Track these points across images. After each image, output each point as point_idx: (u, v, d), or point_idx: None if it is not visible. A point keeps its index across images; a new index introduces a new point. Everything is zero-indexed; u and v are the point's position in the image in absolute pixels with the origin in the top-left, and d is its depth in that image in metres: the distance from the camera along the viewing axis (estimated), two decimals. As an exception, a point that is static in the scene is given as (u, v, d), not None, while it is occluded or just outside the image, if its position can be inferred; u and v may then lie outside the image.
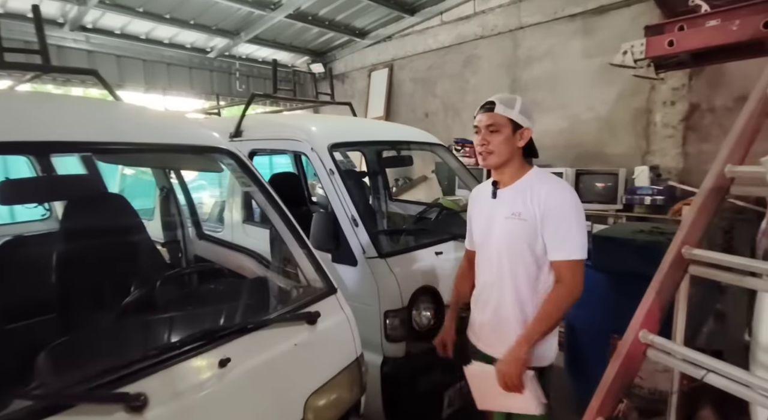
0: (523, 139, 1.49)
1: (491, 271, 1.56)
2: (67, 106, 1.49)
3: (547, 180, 1.51)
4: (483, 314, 1.61)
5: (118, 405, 0.93)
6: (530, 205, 1.45)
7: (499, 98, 1.49)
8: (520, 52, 4.98)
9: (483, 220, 1.62)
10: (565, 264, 1.44)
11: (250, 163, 1.71)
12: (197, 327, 1.22)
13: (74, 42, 5.12)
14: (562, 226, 1.42)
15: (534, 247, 1.47)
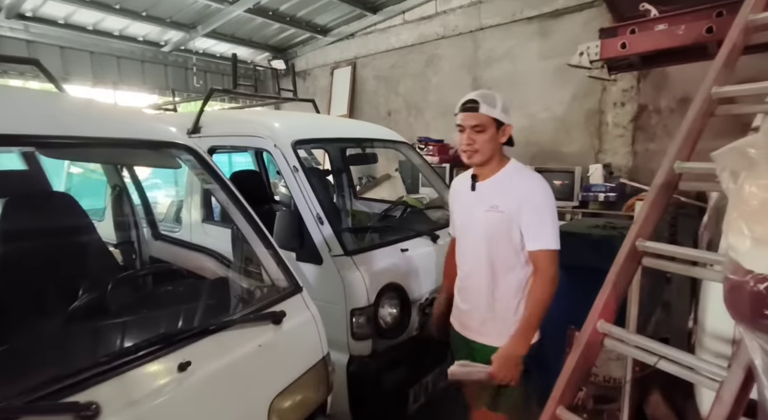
0: (505, 135, 1.53)
1: (472, 261, 1.62)
2: (5, 97, 1.38)
3: (523, 173, 1.58)
4: (465, 302, 1.66)
5: (66, 416, 0.87)
6: (507, 197, 1.50)
7: (482, 97, 1.51)
8: (481, 53, 5.10)
9: (463, 212, 1.67)
10: (542, 254, 1.49)
11: (210, 159, 1.65)
12: (154, 331, 1.16)
13: (11, 30, 4.74)
14: (538, 217, 1.48)
15: (511, 238, 1.52)
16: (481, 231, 1.56)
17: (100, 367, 0.99)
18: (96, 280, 1.46)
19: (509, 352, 1.48)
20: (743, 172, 0.88)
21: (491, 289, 1.58)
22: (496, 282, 1.57)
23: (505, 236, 1.53)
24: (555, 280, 1.51)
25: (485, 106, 1.48)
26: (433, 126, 5.54)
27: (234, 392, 1.19)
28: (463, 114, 1.53)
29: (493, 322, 1.58)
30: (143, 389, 1.01)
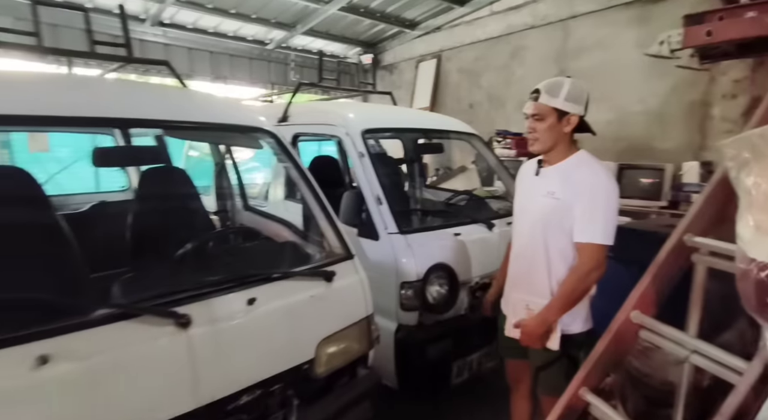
0: (569, 124, 1.54)
1: (524, 244, 1.68)
2: (144, 91, 1.83)
3: (587, 164, 1.57)
4: (514, 284, 1.73)
5: (168, 320, 1.21)
6: (565, 186, 1.53)
7: (545, 86, 1.55)
8: (570, 42, 4.88)
9: (523, 196, 1.73)
10: (585, 246, 1.51)
11: (286, 142, 1.97)
12: (232, 272, 1.49)
13: (153, 36, 5.71)
14: (590, 210, 1.49)
15: (564, 226, 1.55)
16: (537, 216, 1.61)
17: (193, 292, 1.33)
18: (196, 236, 1.87)
19: (529, 322, 1.57)
20: (750, 163, 0.89)
21: (543, 274, 1.61)
22: (550, 267, 1.60)
23: (557, 224, 1.56)
24: (590, 275, 1.52)
25: (546, 95, 1.52)
26: (515, 119, 5.44)
27: (288, 328, 1.48)
28: (528, 103, 1.60)
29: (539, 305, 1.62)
30: (220, 312, 1.33)
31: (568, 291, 1.54)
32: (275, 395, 1.46)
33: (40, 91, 1.44)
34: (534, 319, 1.57)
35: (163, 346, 1.21)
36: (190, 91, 2.15)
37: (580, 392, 1.52)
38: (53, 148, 5.14)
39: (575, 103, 1.53)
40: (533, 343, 1.57)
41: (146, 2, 5.15)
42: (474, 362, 2.36)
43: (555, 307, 1.55)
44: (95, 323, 1.15)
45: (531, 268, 1.65)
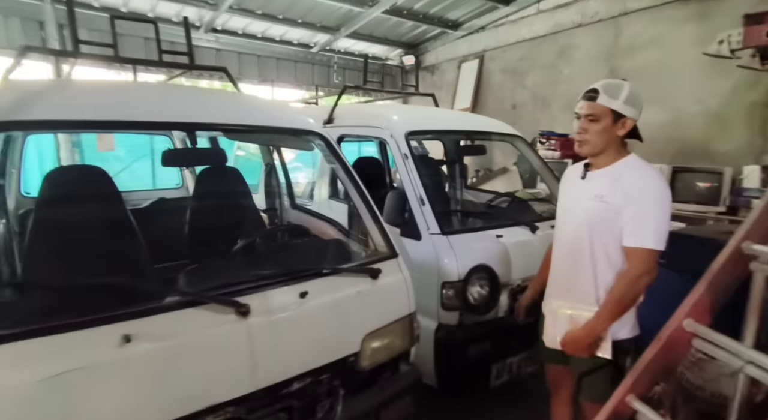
0: (624, 128, 1.49)
1: (568, 248, 1.63)
2: (208, 97, 1.97)
3: (639, 168, 1.51)
4: (556, 288, 1.69)
5: (229, 308, 1.32)
6: (615, 189, 1.48)
7: (604, 86, 1.48)
8: (622, 40, 4.71)
9: (568, 198, 1.68)
10: (635, 251, 1.46)
11: (336, 144, 2.06)
12: (285, 267, 1.59)
13: (207, 42, 6.04)
14: (639, 214, 1.44)
15: (613, 229, 1.50)
16: (583, 219, 1.56)
17: (251, 284, 1.44)
18: (249, 232, 2.00)
19: (576, 333, 1.54)
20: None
21: (588, 279, 1.56)
22: (595, 272, 1.55)
23: (606, 228, 1.51)
24: (641, 281, 1.47)
25: (605, 96, 1.46)
26: (560, 120, 5.32)
27: (336, 321, 1.56)
28: (581, 102, 1.53)
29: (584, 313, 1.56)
30: (275, 303, 1.43)
31: (618, 297, 1.49)
32: (323, 384, 1.54)
33: (124, 99, 1.61)
34: (582, 329, 1.53)
35: (226, 333, 1.32)
36: (246, 95, 2.29)
37: (627, 399, 1.50)
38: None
39: (633, 107, 1.48)
40: (581, 352, 1.54)
41: (201, 10, 5.46)
42: (514, 365, 2.36)
43: (605, 315, 1.50)
44: (168, 309, 1.27)
45: (575, 274, 1.61)
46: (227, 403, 1.32)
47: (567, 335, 1.56)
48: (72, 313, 1.17)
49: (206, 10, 5.41)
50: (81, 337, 1.12)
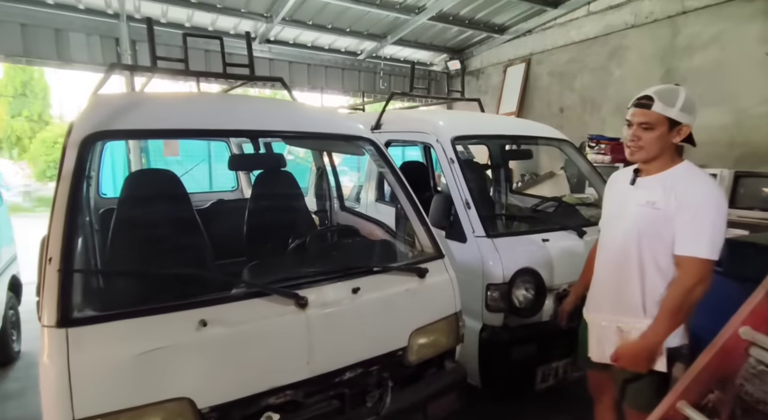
0: (680, 135, 1.46)
1: (612, 254, 1.60)
2: (269, 106, 2.14)
3: (693, 175, 1.48)
4: (600, 294, 1.67)
5: (291, 300, 1.45)
6: (667, 196, 1.45)
7: (659, 93, 1.44)
8: (679, 40, 4.51)
9: (615, 204, 1.66)
10: (687, 260, 1.43)
11: (385, 150, 2.16)
12: (338, 265, 1.70)
13: (261, 52, 6.37)
14: (694, 222, 1.41)
15: (664, 237, 1.47)
16: (632, 225, 1.52)
17: (307, 280, 1.56)
18: (301, 232, 2.13)
19: (630, 347, 1.51)
20: None
21: (636, 289, 1.53)
22: (643, 280, 1.52)
23: (657, 235, 1.48)
24: (696, 290, 1.42)
25: (660, 104, 1.42)
26: (610, 123, 5.16)
27: (385, 317, 1.65)
28: (634, 110, 1.48)
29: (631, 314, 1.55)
30: (330, 297, 1.54)
31: (675, 308, 1.45)
32: (373, 375, 1.63)
33: (198, 110, 1.80)
34: (638, 343, 1.50)
35: (287, 322, 1.44)
36: (302, 104, 2.44)
37: (678, 405, 1.48)
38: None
39: (689, 114, 1.45)
40: (639, 367, 1.50)
41: (257, 23, 5.78)
42: (560, 369, 2.35)
43: (661, 327, 1.46)
44: (238, 298, 1.42)
45: (621, 282, 1.57)
46: (287, 387, 1.44)
47: (620, 349, 1.53)
48: (157, 300, 1.34)
49: (261, 22, 5.73)
50: (170, 320, 1.29)
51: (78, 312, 1.25)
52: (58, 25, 5.05)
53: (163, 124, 1.65)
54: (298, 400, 1.48)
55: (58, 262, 1.26)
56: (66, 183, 1.40)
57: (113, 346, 1.21)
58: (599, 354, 1.63)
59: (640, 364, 1.50)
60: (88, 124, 1.53)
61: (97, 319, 1.24)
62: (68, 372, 1.15)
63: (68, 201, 1.36)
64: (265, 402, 1.42)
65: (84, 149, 1.46)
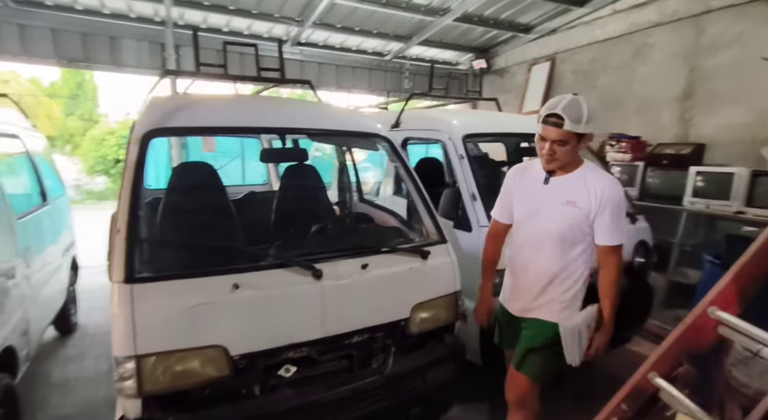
0: (585, 142, 1.67)
1: (535, 249, 1.79)
2: (296, 106, 2.42)
3: (600, 175, 1.72)
4: (521, 284, 1.86)
5: (308, 271, 1.71)
6: (587, 196, 1.67)
7: (566, 111, 1.58)
8: (704, 39, 4.50)
9: (530, 201, 1.81)
10: (614, 248, 1.70)
11: (398, 145, 2.40)
12: (351, 245, 1.96)
13: (291, 54, 6.73)
14: (616, 217, 1.67)
15: (581, 231, 1.71)
16: (553, 223, 1.72)
17: (323, 256, 1.82)
18: (323, 219, 2.40)
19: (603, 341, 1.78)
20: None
21: (553, 275, 1.77)
22: (562, 269, 1.76)
23: (577, 230, 1.70)
24: (621, 268, 1.74)
25: (570, 123, 1.57)
26: (634, 121, 5.17)
27: (390, 291, 1.90)
28: (546, 128, 1.62)
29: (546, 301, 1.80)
30: (342, 271, 1.80)
31: (616, 291, 1.74)
32: (378, 341, 1.89)
33: (238, 109, 2.12)
34: (607, 334, 1.78)
35: (304, 290, 1.71)
36: (325, 104, 2.72)
37: (649, 376, 1.64)
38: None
39: (593, 123, 1.62)
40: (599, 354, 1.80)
41: (288, 27, 6.13)
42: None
43: (613, 311, 1.76)
44: (265, 268, 1.70)
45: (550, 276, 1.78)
46: (303, 344, 1.71)
47: (598, 343, 1.77)
48: (199, 266, 1.64)
49: (293, 26, 6.07)
50: (208, 282, 1.58)
51: (140, 273, 1.56)
52: (113, 33, 5.57)
53: (206, 122, 1.96)
54: (313, 357, 1.76)
55: (125, 233, 1.57)
56: (130, 171, 1.72)
57: (166, 300, 1.52)
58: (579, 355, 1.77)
59: (606, 349, 1.80)
60: (147, 123, 1.85)
61: (154, 278, 1.56)
62: (132, 318, 1.46)
63: (132, 185, 1.68)
64: (285, 355, 1.70)
65: (144, 143, 1.78)
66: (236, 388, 1.64)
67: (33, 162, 3.24)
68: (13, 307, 2.27)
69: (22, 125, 3.30)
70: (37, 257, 2.79)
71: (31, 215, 2.84)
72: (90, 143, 16.09)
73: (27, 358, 2.49)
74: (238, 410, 1.60)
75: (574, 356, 1.76)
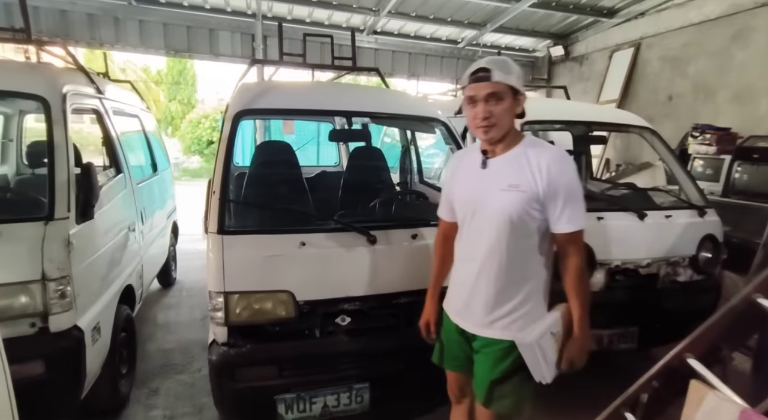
0: (520, 105, 1.40)
1: (481, 243, 1.45)
2: (363, 92, 2.68)
3: (543, 148, 1.41)
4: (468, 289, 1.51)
5: (364, 237, 1.97)
6: (529, 176, 1.37)
7: (492, 63, 1.35)
8: (818, 20, 4.01)
9: (470, 191, 1.49)
10: (573, 235, 1.39)
11: (454, 129, 2.56)
12: (406, 217, 2.19)
13: (367, 43, 7.04)
14: (571, 198, 1.36)
15: (531, 218, 1.39)
16: (498, 211, 1.40)
17: (379, 224, 2.07)
18: (383, 195, 2.65)
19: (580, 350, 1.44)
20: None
21: (506, 280, 1.43)
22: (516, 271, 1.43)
23: (528, 219, 1.38)
24: (581, 259, 1.42)
25: (499, 73, 1.32)
26: (725, 111, 4.76)
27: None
28: (474, 85, 1.36)
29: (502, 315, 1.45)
30: (395, 239, 2.04)
31: (585, 291, 1.43)
32: (420, 304, 2.10)
33: (316, 94, 2.43)
34: (582, 341, 1.44)
35: (359, 252, 1.97)
36: (391, 90, 2.95)
37: (683, 356, 1.66)
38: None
39: (522, 82, 1.39)
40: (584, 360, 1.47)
41: (365, 17, 6.42)
42: (605, 338, 2.55)
43: (586, 312, 1.44)
44: (328, 230, 1.99)
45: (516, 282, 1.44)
46: (356, 298, 1.98)
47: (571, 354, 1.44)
48: (275, 225, 1.97)
49: (370, 16, 6.35)
50: (281, 238, 1.91)
51: (229, 227, 1.93)
52: (212, 25, 6.27)
53: (285, 105, 2.30)
54: (365, 311, 2.02)
55: (219, 194, 1.94)
56: (224, 144, 2.09)
57: (248, 249, 1.87)
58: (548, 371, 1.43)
59: (585, 357, 1.46)
60: (238, 104, 2.22)
61: (239, 232, 1.92)
62: (222, 262, 1.82)
63: (225, 156, 2.05)
64: (341, 306, 1.98)
65: (235, 122, 2.14)
66: (300, 328, 1.96)
67: (147, 138, 3.87)
68: (132, 254, 2.82)
69: (140, 107, 3.95)
70: (149, 218, 3.38)
71: (145, 183, 3.44)
72: (188, 126, 17.95)
73: (140, 297, 3.07)
74: (301, 347, 1.93)
75: (542, 373, 1.44)
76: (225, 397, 1.90)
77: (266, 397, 1.88)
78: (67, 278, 1.85)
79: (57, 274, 1.82)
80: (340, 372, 1.96)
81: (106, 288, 2.29)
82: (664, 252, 2.69)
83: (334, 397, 1.95)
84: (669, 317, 2.65)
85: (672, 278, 2.76)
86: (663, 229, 2.70)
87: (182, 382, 2.84)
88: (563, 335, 1.46)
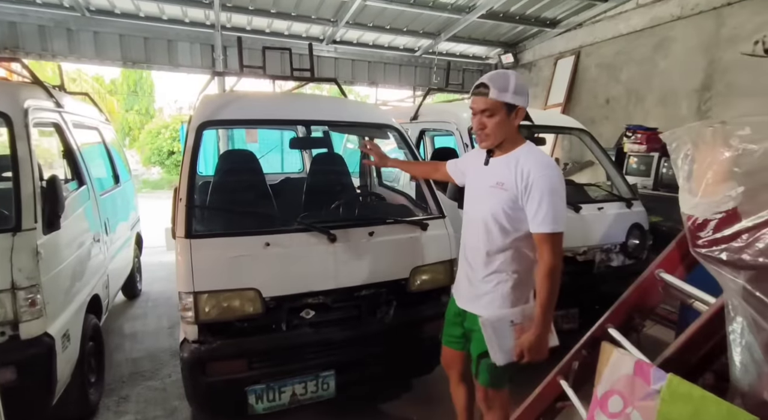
0: (518, 117, 1.57)
1: (474, 233, 1.70)
2: (320, 101, 2.86)
3: (533, 155, 1.58)
4: (464, 266, 1.79)
5: (324, 235, 2.15)
6: (513, 176, 1.55)
7: (492, 80, 1.52)
8: (724, 32, 4.54)
9: (472, 182, 1.77)
10: (546, 236, 1.51)
11: (406, 134, 2.78)
12: (362, 216, 2.38)
13: (327, 52, 7.21)
14: (546, 202, 1.49)
15: (510, 215, 1.57)
16: (485, 206, 1.64)
17: (338, 224, 2.25)
18: (344, 196, 2.83)
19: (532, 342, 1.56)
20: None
21: (489, 263, 1.65)
22: (490, 257, 1.65)
23: (511, 214, 1.57)
24: (559, 261, 1.53)
25: (495, 91, 1.50)
26: (653, 113, 5.26)
27: (392, 255, 2.30)
28: (474, 98, 1.56)
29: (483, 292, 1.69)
30: (352, 236, 2.22)
31: (551, 293, 1.54)
32: (382, 296, 2.29)
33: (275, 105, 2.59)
34: (536, 336, 1.56)
35: (321, 249, 2.15)
36: (347, 100, 3.14)
37: (606, 326, 1.93)
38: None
39: (522, 96, 1.54)
40: (543, 355, 1.59)
41: (324, 27, 6.60)
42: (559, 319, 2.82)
43: (548, 310, 1.56)
44: (290, 231, 2.15)
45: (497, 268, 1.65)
46: (320, 292, 2.15)
47: (524, 345, 1.58)
48: (240, 228, 2.11)
49: (328, 26, 6.53)
50: (246, 240, 2.05)
51: (196, 231, 2.05)
52: (170, 36, 6.27)
53: (246, 116, 2.45)
54: (328, 304, 2.19)
55: (185, 200, 2.07)
56: (188, 154, 2.22)
57: (215, 251, 2.00)
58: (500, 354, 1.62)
59: (543, 352, 1.58)
60: (201, 115, 2.35)
61: (206, 235, 2.04)
62: (191, 264, 1.94)
63: (189, 165, 2.17)
64: (305, 300, 2.14)
65: (199, 133, 2.27)
66: (268, 323, 2.10)
67: (108, 150, 3.88)
68: (98, 264, 2.86)
69: (99, 119, 3.95)
70: (113, 229, 3.40)
71: (108, 194, 3.46)
72: (146, 136, 17.45)
73: (107, 307, 3.10)
74: (268, 340, 2.07)
75: (495, 354, 1.61)
76: (198, 391, 2.02)
77: (237, 389, 2.01)
78: (36, 287, 1.92)
79: (26, 283, 1.89)
80: (306, 362, 2.12)
81: (73, 296, 2.34)
82: (597, 240, 3.01)
83: (301, 385, 2.10)
84: (605, 299, 2.96)
85: (606, 263, 3.09)
86: (596, 220, 3.03)
87: (152, 388, 2.89)
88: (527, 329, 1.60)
